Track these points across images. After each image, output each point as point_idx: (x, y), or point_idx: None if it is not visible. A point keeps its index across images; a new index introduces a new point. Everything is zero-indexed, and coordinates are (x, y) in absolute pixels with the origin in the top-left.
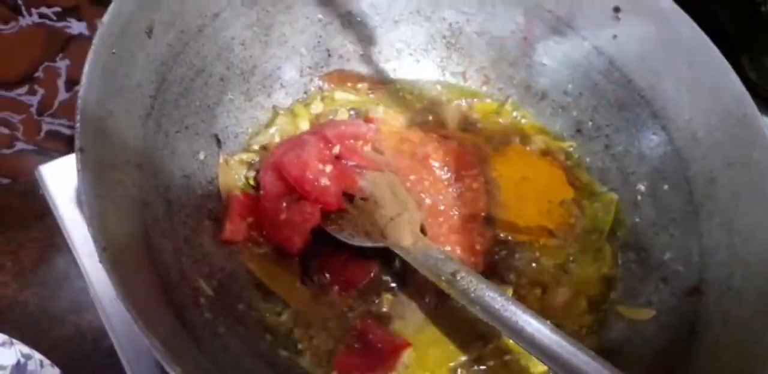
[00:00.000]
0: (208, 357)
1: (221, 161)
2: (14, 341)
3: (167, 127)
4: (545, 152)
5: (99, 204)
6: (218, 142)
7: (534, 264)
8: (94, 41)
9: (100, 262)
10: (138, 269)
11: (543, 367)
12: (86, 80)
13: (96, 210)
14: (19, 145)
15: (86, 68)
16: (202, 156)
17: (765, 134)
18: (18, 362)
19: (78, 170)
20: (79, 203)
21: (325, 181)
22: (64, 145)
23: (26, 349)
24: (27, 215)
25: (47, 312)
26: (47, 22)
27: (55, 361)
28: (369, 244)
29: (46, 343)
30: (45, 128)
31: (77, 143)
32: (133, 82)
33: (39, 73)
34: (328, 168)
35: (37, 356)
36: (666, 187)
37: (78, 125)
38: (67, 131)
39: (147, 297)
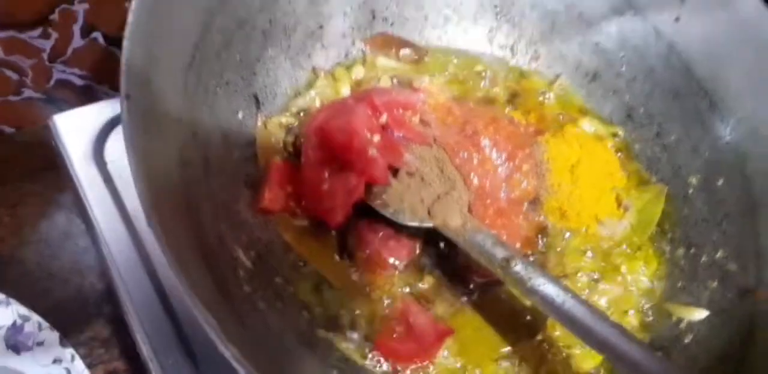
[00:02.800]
0: (251, 332)
1: (259, 123)
2: (11, 300)
3: (207, 80)
4: (595, 137)
5: (143, 156)
6: (257, 102)
7: (579, 254)
8: None
9: (149, 225)
10: (183, 236)
11: (591, 363)
12: (133, 22)
13: (141, 161)
14: (27, 92)
15: (132, 10)
16: (240, 116)
17: None
18: (14, 322)
19: (123, 120)
20: (95, 154)
21: (373, 151)
22: (74, 95)
23: (24, 310)
24: (29, 168)
25: (47, 271)
26: None
27: (54, 324)
28: (416, 223)
29: (46, 304)
30: (56, 75)
31: (123, 88)
32: (177, 28)
33: (54, 16)
34: (376, 138)
35: (35, 318)
36: (720, 182)
37: (123, 69)
38: (78, 81)
39: (189, 259)
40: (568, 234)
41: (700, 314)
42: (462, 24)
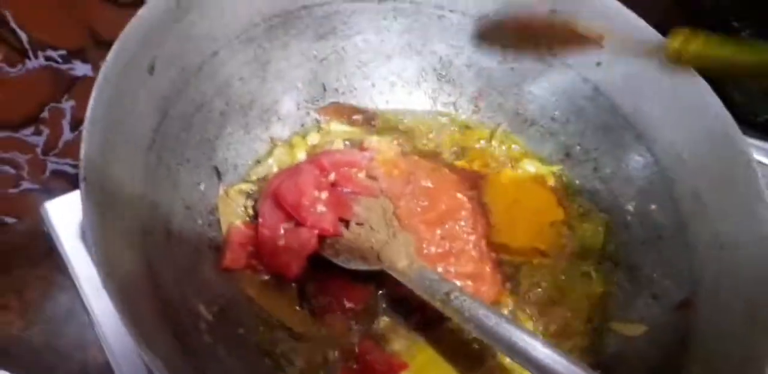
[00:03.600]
0: None
1: (221, 192)
2: None
3: (168, 160)
4: (536, 176)
5: (102, 234)
6: (218, 173)
7: (527, 284)
8: (98, 78)
9: (104, 289)
10: (141, 297)
11: None
12: (90, 114)
13: (99, 239)
14: (25, 184)
15: (90, 103)
16: (202, 187)
17: (746, 152)
18: None
19: (82, 200)
20: (83, 236)
21: (321, 207)
22: (68, 184)
23: None
24: (32, 254)
25: (53, 348)
26: (53, 64)
27: None
28: (365, 267)
29: None
30: (50, 167)
31: (81, 172)
32: (135, 117)
33: (44, 114)
34: (324, 195)
35: None
36: (653, 206)
37: (82, 156)
38: (71, 170)
39: (150, 324)
40: (514, 267)
41: (639, 329)
42: (407, 88)
